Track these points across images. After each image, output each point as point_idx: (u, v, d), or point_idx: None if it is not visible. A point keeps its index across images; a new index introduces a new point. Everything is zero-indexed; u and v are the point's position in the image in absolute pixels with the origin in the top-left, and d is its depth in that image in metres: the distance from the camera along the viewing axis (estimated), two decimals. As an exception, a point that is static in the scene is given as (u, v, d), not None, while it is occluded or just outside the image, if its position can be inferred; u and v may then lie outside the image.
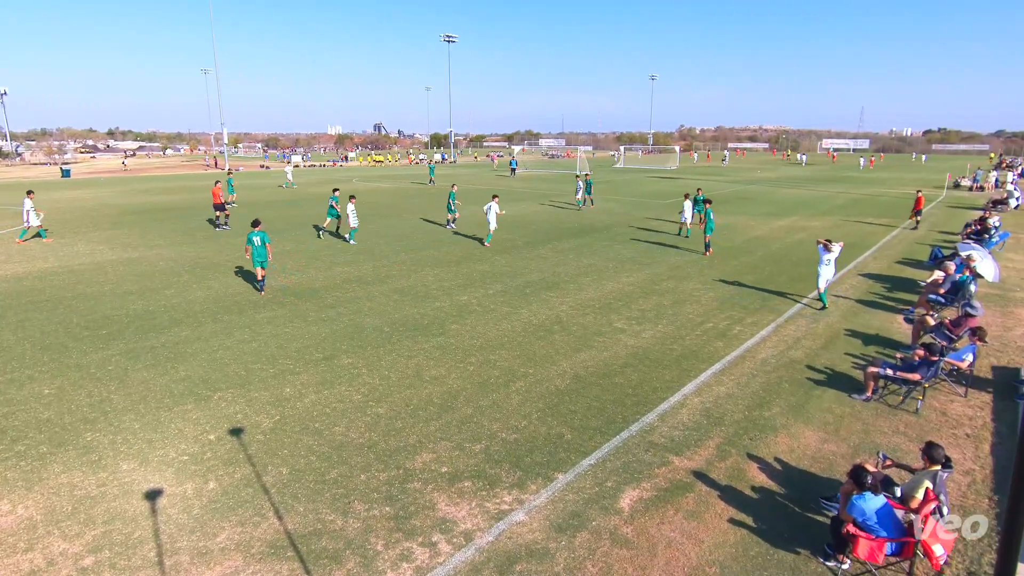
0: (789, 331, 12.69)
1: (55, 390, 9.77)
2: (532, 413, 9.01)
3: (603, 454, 7.89)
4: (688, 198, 24.37)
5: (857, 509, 5.73)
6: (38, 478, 7.32)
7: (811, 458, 7.85)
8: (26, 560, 5.93)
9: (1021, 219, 30.37)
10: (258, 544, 6.18)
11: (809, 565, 5.98)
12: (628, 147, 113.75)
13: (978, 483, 7.34)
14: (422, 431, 8.47)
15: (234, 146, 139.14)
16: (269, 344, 11.85)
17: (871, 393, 9.45)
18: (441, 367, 10.72)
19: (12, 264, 19.19)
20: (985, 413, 9.19)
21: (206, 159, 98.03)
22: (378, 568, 5.85)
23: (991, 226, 22.14)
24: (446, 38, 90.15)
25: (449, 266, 18.82)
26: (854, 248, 22.09)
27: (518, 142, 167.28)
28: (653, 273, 17.85)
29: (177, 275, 17.61)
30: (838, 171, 74.53)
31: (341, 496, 6.96)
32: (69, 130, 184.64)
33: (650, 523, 6.54)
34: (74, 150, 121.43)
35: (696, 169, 78.47)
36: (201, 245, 22.48)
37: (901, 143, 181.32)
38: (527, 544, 6.20)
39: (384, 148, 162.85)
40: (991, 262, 16.25)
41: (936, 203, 37.32)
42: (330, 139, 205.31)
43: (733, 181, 56.40)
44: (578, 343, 11.90)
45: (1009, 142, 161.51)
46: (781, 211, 33.04)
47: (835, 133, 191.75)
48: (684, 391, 9.78)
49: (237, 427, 8.55)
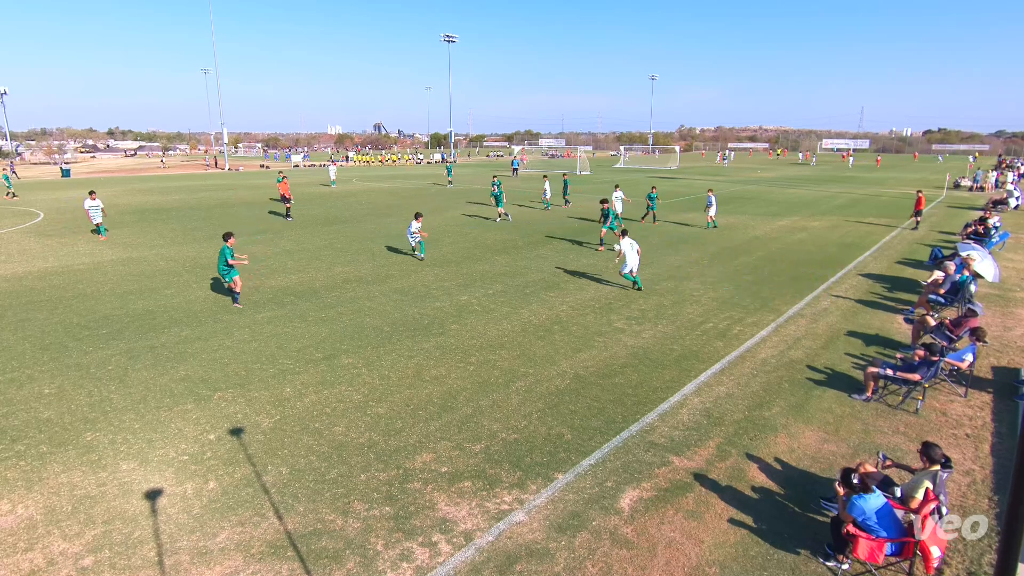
0: (789, 331, 12.69)
1: (55, 390, 9.77)
2: (532, 413, 9.01)
3: (603, 454, 7.89)
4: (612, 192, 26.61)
5: (857, 509, 5.73)
6: (38, 478, 7.31)
7: (811, 458, 7.85)
8: (26, 560, 5.93)
9: (1021, 219, 30.36)
10: (258, 544, 6.18)
11: (809, 565, 5.98)
12: (628, 147, 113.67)
13: (978, 483, 7.34)
14: (422, 431, 8.47)
15: (234, 146, 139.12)
16: (269, 344, 11.85)
17: (871, 393, 9.45)
18: (441, 367, 10.72)
19: (12, 264, 19.19)
20: (985, 413, 9.19)
21: (206, 159, 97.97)
22: (378, 568, 5.85)
23: (991, 226, 22.13)
24: (446, 38, 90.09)
25: (449, 266, 18.82)
26: (854, 248, 22.10)
27: (518, 142, 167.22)
28: (653, 273, 17.84)
29: (177, 275, 17.61)
30: (838, 171, 74.53)
31: (341, 496, 6.96)
32: (69, 130, 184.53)
33: (650, 523, 6.54)
34: (74, 150, 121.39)
35: (697, 169, 78.48)
36: (201, 245, 22.48)
37: (901, 143, 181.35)
38: (527, 544, 6.20)
39: (384, 148, 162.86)
40: (991, 262, 16.24)
41: (936, 203, 37.32)
42: (330, 139, 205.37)
43: (733, 181, 56.39)
44: (578, 343, 11.90)
45: (1009, 142, 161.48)
46: (781, 211, 33.04)
47: (835, 133, 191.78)
48: (684, 391, 9.77)
49: (237, 427, 8.55)
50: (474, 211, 32.50)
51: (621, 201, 26.51)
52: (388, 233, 25.12)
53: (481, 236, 24.35)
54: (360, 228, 26.50)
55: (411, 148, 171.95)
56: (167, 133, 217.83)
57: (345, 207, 34.20)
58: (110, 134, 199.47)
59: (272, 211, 32.37)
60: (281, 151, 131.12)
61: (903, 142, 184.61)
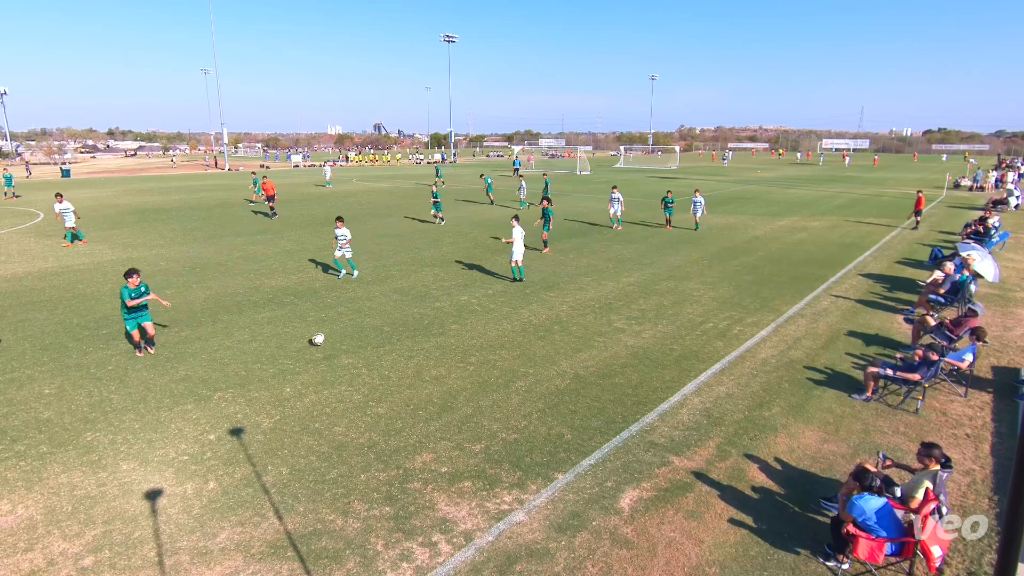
0: (789, 331, 12.69)
1: (55, 390, 9.76)
2: (532, 413, 9.01)
3: (603, 454, 7.89)
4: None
5: (857, 509, 5.73)
6: (38, 478, 7.31)
7: (811, 458, 7.85)
8: (26, 560, 5.93)
9: (1021, 219, 30.36)
10: (258, 544, 6.18)
11: (809, 565, 5.98)
12: (628, 147, 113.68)
13: (978, 483, 7.34)
14: (422, 431, 8.47)
15: (234, 146, 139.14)
16: (269, 344, 11.85)
17: (871, 393, 9.45)
18: (441, 367, 10.72)
19: (12, 264, 19.19)
20: (985, 413, 9.18)
21: (206, 159, 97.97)
22: (378, 568, 5.85)
23: (991, 226, 22.13)
24: (446, 38, 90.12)
25: (449, 266, 18.82)
26: (854, 248, 22.10)
27: (518, 142, 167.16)
28: (653, 273, 17.84)
29: (177, 275, 17.61)
30: (837, 171, 74.53)
31: (341, 496, 6.96)
32: (69, 130, 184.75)
33: (650, 523, 6.54)
34: (74, 150, 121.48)
35: (697, 169, 78.47)
36: (201, 245, 22.48)
37: (901, 143, 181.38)
38: (527, 544, 6.20)
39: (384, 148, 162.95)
40: (991, 262, 16.24)
41: (936, 203, 37.32)
42: (330, 139, 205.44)
43: (734, 181, 56.39)
44: (578, 343, 11.90)
45: (1009, 142, 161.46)
46: (781, 211, 33.04)
47: (835, 133, 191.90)
48: (684, 391, 9.77)
49: (237, 427, 8.55)
50: (474, 211, 32.50)
51: (618, 202, 26.24)
52: (389, 233, 25.12)
53: (481, 236, 24.35)
54: (360, 228, 26.48)
55: (411, 148, 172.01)
56: (167, 133, 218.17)
57: (346, 207, 34.18)
58: (110, 134, 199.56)
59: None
60: (281, 151, 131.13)
61: (903, 142, 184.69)
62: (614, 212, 26.30)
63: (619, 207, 26.29)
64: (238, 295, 15.42)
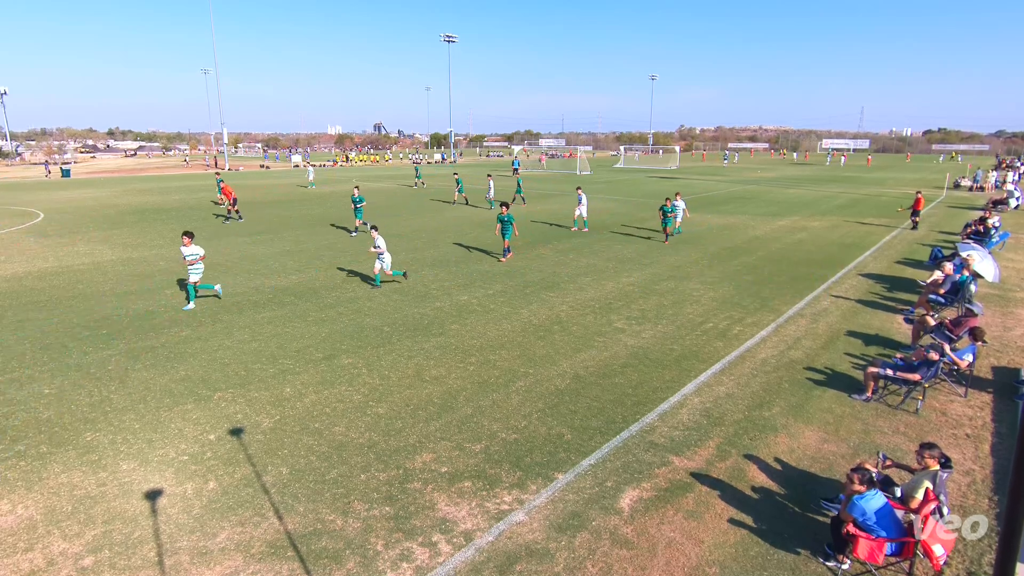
0: (789, 331, 12.69)
1: (55, 390, 9.77)
2: (532, 413, 9.01)
3: (603, 454, 7.89)
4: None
5: (857, 509, 5.73)
6: (38, 478, 7.32)
7: (811, 458, 7.85)
8: (26, 560, 5.93)
9: (1021, 219, 30.36)
10: (258, 544, 6.18)
11: (809, 565, 5.98)
12: (628, 147, 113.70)
13: (978, 483, 7.34)
14: (422, 431, 8.47)
15: (234, 146, 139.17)
16: (269, 344, 11.85)
17: (871, 393, 9.45)
18: (441, 367, 10.72)
19: (12, 264, 19.19)
20: (985, 413, 9.19)
21: (206, 159, 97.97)
22: (378, 568, 5.85)
23: (991, 226, 22.13)
24: (446, 38, 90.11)
25: (449, 266, 18.82)
26: (854, 248, 22.10)
27: (518, 142, 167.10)
28: (653, 273, 17.85)
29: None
30: (837, 171, 74.54)
31: (341, 496, 6.96)
32: (69, 130, 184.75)
33: (650, 523, 6.54)
34: (74, 150, 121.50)
35: (697, 169, 78.48)
36: (201, 245, 22.42)
37: (901, 143, 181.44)
38: (527, 544, 6.20)
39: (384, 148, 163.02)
40: (991, 262, 16.24)
41: (936, 203, 37.32)
42: (330, 139, 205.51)
43: (733, 181, 56.39)
44: (578, 343, 11.90)
45: (1009, 142, 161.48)
46: (781, 211, 33.04)
47: (835, 133, 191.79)
48: (684, 391, 9.77)
49: (237, 427, 8.55)
50: (474, 211, 32.50)
51: (584, 206, 25.19)
52: (389, 233, 25.10)
53: (481, 236, 24.35)
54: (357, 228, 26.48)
55: (411, 148, 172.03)
56: (167, 133, 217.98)
57: (345, 207, 34.16)
58: (110, 134, 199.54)
59: (273, 211, 32.37)
60: (281, 151, 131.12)
61: (903, 142, 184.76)
62: (579, 214, 25.29)
63: (583, 209, 25.25)
64: (238, 295, 15.43)
